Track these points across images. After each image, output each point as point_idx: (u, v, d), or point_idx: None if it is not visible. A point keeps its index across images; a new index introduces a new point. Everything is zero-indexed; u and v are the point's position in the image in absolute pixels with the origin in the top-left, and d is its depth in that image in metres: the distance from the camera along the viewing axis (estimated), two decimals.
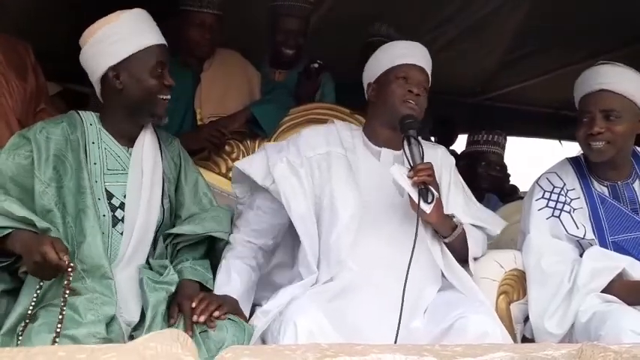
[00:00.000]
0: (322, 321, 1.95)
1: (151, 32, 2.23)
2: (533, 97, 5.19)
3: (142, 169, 2.22)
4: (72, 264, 1.92)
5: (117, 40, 2.18)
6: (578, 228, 2.38)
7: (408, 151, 2.17)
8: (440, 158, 2.39)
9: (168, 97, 2.25)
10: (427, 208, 2.10)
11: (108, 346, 1.04)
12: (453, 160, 2.45)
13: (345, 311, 2.06)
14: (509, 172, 4.17)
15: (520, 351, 1.39)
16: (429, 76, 2.35)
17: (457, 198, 2.37)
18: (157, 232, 2.25)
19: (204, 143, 2.95)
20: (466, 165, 3.53)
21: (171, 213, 2.33)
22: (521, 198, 3.89)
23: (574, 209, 2.41)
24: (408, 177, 2.12)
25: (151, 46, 2.20)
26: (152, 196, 2.23)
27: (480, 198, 2.94)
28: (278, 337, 1.94)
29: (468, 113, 5.24)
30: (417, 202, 2.09)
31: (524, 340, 2.35)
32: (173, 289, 2.11)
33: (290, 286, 2.16)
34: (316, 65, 3.12)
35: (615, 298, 2.25)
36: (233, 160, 2.96)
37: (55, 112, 2.88)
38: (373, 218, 2.21)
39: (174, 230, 2.26)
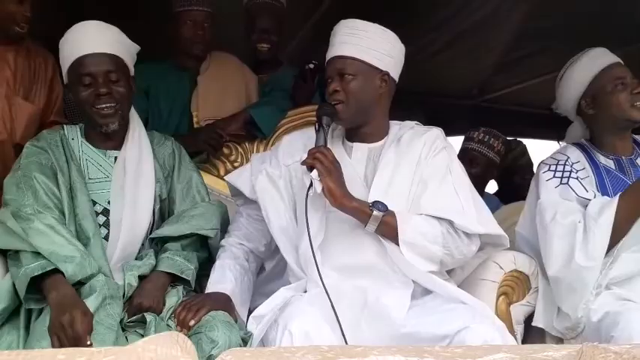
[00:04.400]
0: (318, 322, 1.94)
1: (80, 44, 2.23)
2: (531, 98, 5.18)
3: (125, 175, 2.25)
4: (91, 344, 1.90)
5: (62, 61, 2.28)
6: (587, 191, 2.43)
7: (316, 136, 2.18)
8: (425, 142, 2.26)
9: (103, 106, 2.21)
10: (311, 191, 2.09)
11: (107, 349, 1.03)
12: (441, 143, 2.28)
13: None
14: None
15: (520, 352, 1.38)
16: (351, 52, 2.22)
17: (425, 188, 2.20)
18: (147, 235, 2.28)
19: (202, 146, 2.95)
20: None
21: (163, 215, 2.35)
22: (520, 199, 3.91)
23: (581, 178, 2.48)
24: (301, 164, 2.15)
25: (77, 58, 2.21)
26: (138, 199, 2.25)
27: None
28: (275, 344, 1.93)
29: (465, 115, 5.23)
30: (307, 186, 2.10)
31: (525, 341, 2.35)
32: (147, 270, 2.16)
33: (282, 288, 2.15)
34: (311, 66, 3.12)
35: (628, 295, 2.28)
36: (232, 163, 2.96)
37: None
38: (342, 219, 2.16)
39: (159, 233, 2.27)
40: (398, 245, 2.13)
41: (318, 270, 2.03)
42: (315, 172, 2.08)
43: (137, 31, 2.36)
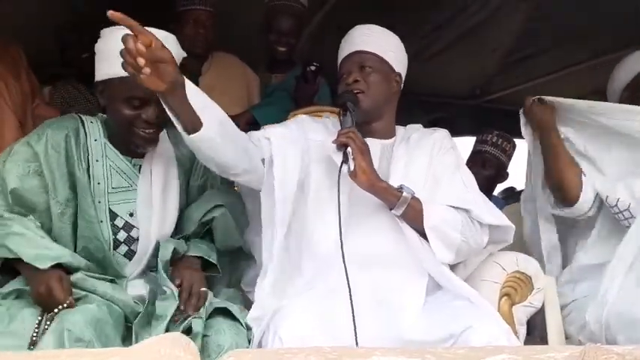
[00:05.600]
0: (308, 323, 1.91)
1: None
2: None
3: (152, 186, 2.14)
4: (73, 303, 1.91)
5: (103, 59, 2.05)
6: None
7: (342, 121, 2.20)
8: (434, 141, 2.34)
9: (149, 131, 2.07)
10: (345, 169, 2.07)
11: (111, 350, 1.04)
12: (449, 143, 2.38)
13: (335, 313, 1.99)
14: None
15: (523, 353, 1.38)
16: (371, 49, 2.29)
17: (439, 183, 2.27)
18: None
19: None
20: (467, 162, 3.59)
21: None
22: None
23: None
24: (332, 142, 2.12)
25: (126, 76, 1.90)
26: (166, 214, 2.16)
27: None
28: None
29: (467, 115, 5.24)
30: (339, 165, 2.07)
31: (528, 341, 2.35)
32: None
33: (261, 284, 2.11)
34: (313, 67, 3.13)
35: None
36: None
37: (46, 107, 2.99)
38: (361, 206, 2.16)
39: (174, 246, 2.19)
40: (419, 231, 2.16)
41: (345, 266, 1.98)
42: (349, 150, 2.07)
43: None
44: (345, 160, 2.07)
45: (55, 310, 1.88)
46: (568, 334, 2.58)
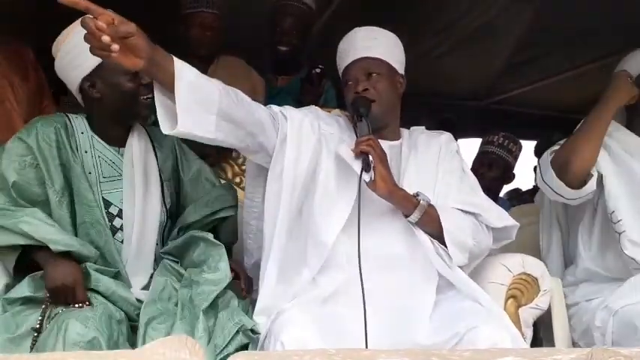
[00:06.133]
0: (311, 326, 1.89)
1: None
2: (539, 100, 5.18)
3: (134, 173, 2.20)
4: (91, 303, 1.96)
5: (84, 50, 1.96)
6: None
7: (357, 127, 2.20)
8: (441, 145, 2.35)
9: (150, 96, 2.09)
10: (367, 177, 2.07)
11: (117, 353, 1.03)
12: (455, 146, 2.39)
13: (344, 316, 1.99)
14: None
15: (529, 355, 1.38)
16: (376, 54, 2.28)
17: (448, 186, 2.28)
18: (162, 233, 2.25)
19: (206, 149, 2.94)
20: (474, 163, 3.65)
21: (178, 211, 2.32)
22: (527, 201, 3.90)
23: None
24: (352, 150, 2.12)
25: None
26: (147, 200, 2.20)
27: None
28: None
29: (472, 116, 5.24)
30: (358, 173, 2.06)
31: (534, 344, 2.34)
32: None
33: (264, 274, 2.13)
34: (318, 70, 3.14)
35: None
36: (239, 166, 2.96)
37: (56, 108, 2.97)
38: (372, 212, 2.15)
39: (182, 221, 2.27)
40: (434, 237, 2.17)
41: (360, 273, 1.98)
42: (370, 159, 2.08)
43: None
44: (366, 169, 2.07)
45: (74, 306, 1.94)
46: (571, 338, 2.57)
